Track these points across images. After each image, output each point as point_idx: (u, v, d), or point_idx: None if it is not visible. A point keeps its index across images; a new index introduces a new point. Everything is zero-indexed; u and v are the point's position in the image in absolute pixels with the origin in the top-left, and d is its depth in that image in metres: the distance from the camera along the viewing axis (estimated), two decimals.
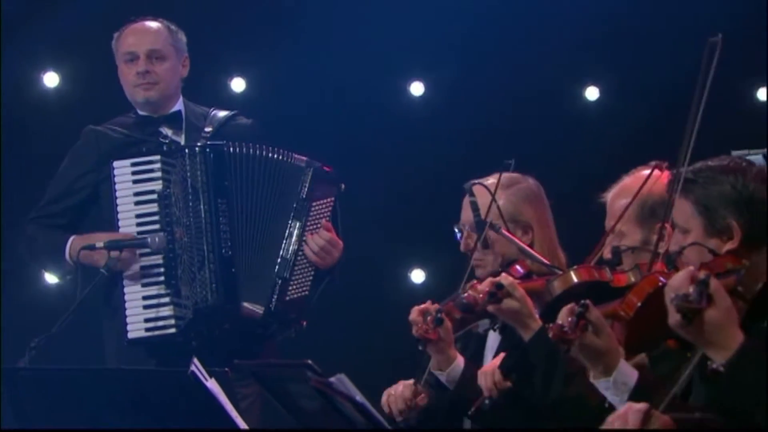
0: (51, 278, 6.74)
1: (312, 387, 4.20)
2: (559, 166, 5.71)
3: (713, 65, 4.09)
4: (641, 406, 3.55)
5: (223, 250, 5.85)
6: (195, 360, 4.88)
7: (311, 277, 5.86)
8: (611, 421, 3.61)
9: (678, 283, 3.43)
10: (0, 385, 4.96)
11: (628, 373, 3.94)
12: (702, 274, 3.43)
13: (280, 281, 5.82)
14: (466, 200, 5.18)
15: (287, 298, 5.81)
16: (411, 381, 5.01)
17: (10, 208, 6.13)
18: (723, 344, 3.47)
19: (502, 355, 4.85)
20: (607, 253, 4.54)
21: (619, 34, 7.09)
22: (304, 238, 5.82)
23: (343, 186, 5.88)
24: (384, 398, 4.95)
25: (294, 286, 5.84)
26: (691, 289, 3.40)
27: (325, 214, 5.85)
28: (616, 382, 3.94)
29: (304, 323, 5.86)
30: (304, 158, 5.87)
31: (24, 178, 6.23)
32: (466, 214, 5.18)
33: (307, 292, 5.86)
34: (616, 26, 7.12)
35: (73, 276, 5.93)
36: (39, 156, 6.19)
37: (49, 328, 5.70)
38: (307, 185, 5.85)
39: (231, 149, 5.90)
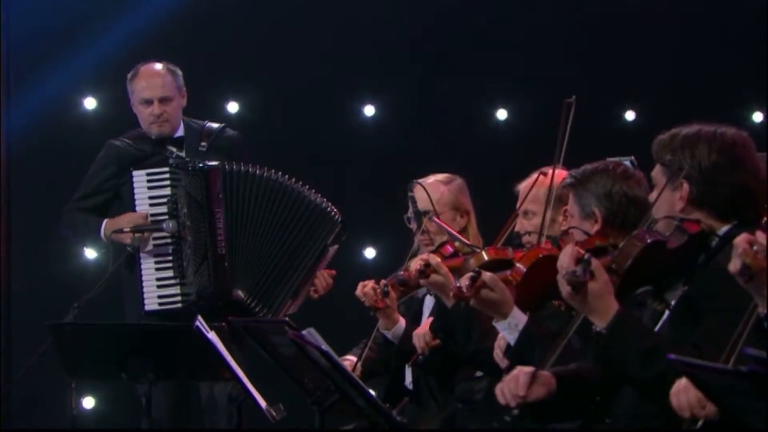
0: (90, 254, 6.67)
1: (289, 338, 4.18)
2: (476, 170, 5.68)
3: (569, 121, 4.27)
4: (529, 368, 3.63)
5: (219, 249, 5.75)
6: (199, 317, 4.85)
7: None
8: (507, 379, 3.66)
9: (566, 263, 3.45)
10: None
11: (519, 317, 4.05)
12: (585, 255, 3.45)
13: (290, 301, 5.77)
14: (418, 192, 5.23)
15: (288, 312, 5.74)
16: (351, 358, 5.06)
17: (58, 210, 6.04)
18: (603, 311, 3.51)
19: (430, 319, 4.87)
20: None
21: (523, 67, 7.08)
22: (315, 276, 5.77)
23: (345, 236, 5.81)
24: None
25: (296, 304, 5.81)
26: (577, 267, 3.41)
27: (331, 256, 5.79)
28: (510, 324, 4.05)
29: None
30: (337, 211, 5.77)
31: (67, 184, 6.13)
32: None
33: (296, 310, 5.82)
34: (520, 62, 7.11)
35: (107, 250, 5.90)
36: (79, 165, 6.11)
37: (88, 293, 5.69)
38: (333, 235, 5.75)
39: (227, 167, 5.78)
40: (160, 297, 5.78)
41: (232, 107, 7.07)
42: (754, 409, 2.19)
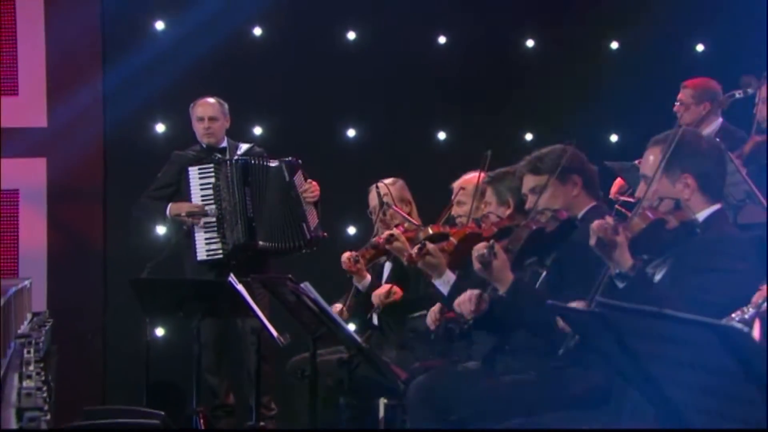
0: (160, 230, 6.59)
1: (290, 289, 4.12)
2: (417, 175, 5.66)
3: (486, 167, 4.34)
4: (477, 291, 3.70)
5: (248, 213, 5.78)
6: (231, 274, 4.79)
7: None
8: (463, 299, 3.67)
9: (480, 248, 3.52)
10: None
11: (450, 276, 4.02)
12: (491, 242, 3.55)
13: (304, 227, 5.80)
14: (373, 192, 5.21)
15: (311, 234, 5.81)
16: (339, 305, 5.03)
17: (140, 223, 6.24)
18: (504, 280, 3.55)
19: (387, 286, 4.81)
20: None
21: (459, 93, 6.99)
22: (303, 197, 5.78)
23: (299, 161, 5.86)
24: None
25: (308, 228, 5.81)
26: (485, 251, 3.43)
27: (303, 180, 5.83)
28: (444, 281, 4.01)
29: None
30: (277, 161, 5.87)
31: (144, 179, 6.09)
32: (371, 201, 5.21)
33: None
34: (454, 98, 7.06)
35: (169, 227, 5.94)
36: (153, 175, 6.07)
37: (158, 257, 5.65)
38: (286, 174, 5.82)
39: (252, 161, 5.88)
40: (207, 251, 5.78)
41: (257, 131, 6.97)
42: (604, 338, 2.14)
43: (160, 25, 6.85)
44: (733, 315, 2.36)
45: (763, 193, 4.55)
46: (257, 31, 6.95)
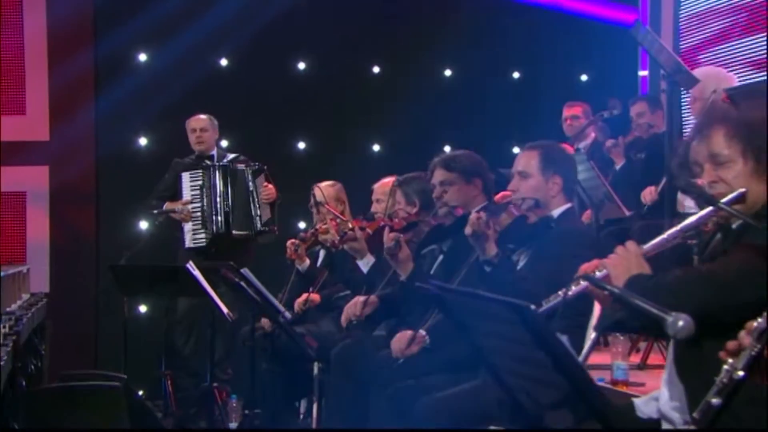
0: (143, 225, 6.48)
1: (223, 275, 4.06)
2: (354, 179, 5.59)
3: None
4: (408, 332, 3.50)
5: (225, 209, 5.74)
6: (191, 263, 4.69)
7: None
8: (394, 341, 3.62)
9: (387, 241, 3.60)
10: None
11: (370, 258, 4.02)
12: (399, 237, 3.54)
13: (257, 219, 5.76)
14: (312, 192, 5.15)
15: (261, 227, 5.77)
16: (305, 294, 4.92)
17: (127, 200, 6.09)
18: (405, 268, 3.54)
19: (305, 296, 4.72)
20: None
21: (390, 114, 6.89)
22: (260, 194, 5.75)
23: (264, 167, 5.81)
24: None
25: (260, 220, 5.78)
26: (392, 243, 3.49)
27: (263, 182, 5.78)
28: (365, 262, 4.03)
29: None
30: (244, 165, 5.82)
31: (124, 203, 6.05)
32: (311, 199, 5.14)
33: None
34: (385, 118, 6.98)
35: (149, 220, 5.97)
36: (135, 187, 6.03)
37: (134, 247, 5.54)
38: (249, 175, 5.80)
39: (231, 166, 5.84)
40: (193, 240, 5.73)
41: (224, 143, 6.86)
42: (470, 313, 2.11)
43: (143, 57, 6.79)
44: (559, 293, 2.33)
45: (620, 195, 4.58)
46: (223, 62, 6.90)
